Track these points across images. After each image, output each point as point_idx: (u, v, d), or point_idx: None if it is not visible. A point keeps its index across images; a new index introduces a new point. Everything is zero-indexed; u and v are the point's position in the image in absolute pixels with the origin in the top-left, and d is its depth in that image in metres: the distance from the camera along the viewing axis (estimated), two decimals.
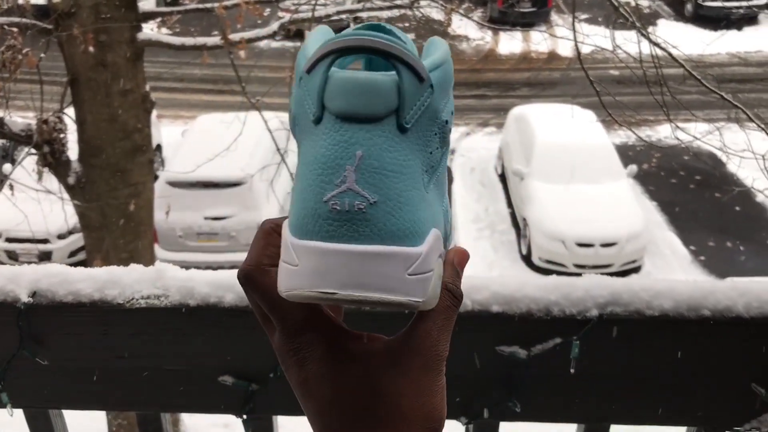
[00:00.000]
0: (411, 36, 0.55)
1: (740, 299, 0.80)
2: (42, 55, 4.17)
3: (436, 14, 6.43)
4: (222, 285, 0.81)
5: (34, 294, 0.81)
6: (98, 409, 0.91)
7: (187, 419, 5.00)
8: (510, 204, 8.70)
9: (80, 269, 0.82)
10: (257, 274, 0.50)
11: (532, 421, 0.88)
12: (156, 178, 6.19)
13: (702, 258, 7.78)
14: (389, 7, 5.67)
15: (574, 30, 4.66)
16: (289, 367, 0.50)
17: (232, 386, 0.86)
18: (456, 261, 0.51)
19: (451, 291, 0.49)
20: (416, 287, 0.44)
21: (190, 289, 0.81)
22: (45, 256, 7.27)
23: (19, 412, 0.92)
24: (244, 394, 0.87)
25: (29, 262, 1.64)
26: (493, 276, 0.83)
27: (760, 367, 0.83)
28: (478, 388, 0.86)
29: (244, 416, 0.89)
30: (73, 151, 4.26)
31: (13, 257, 7.38)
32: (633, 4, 5.60)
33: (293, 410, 0.73)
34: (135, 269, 0.83)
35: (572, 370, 0.83)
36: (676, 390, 0.85)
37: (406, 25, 8.28)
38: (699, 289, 0.80)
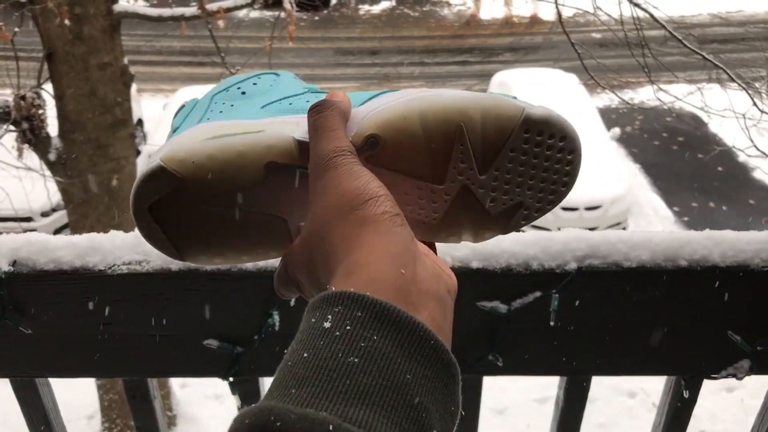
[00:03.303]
0: None
1: (716, 248, 0.81)
2: (16, 29, 4.10)
3: None
4: None
5: (14, 263, 0.81)
6: (84, 376, 0.91)
7: (178, 392, 5.03)
8: None
9: (60, 237, 0.82)
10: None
11: (514, 375, 0.90)
12: (138, 153, 6.13)
13: (686, 219, 7.86)
14: None
15: None
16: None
17: (217, 349, 0.86)
18: (328, 96, 0.56)
19: (301, 137, 0.55)
20: (153, 157, 0.57)
21: None
22: None
23: (5, 383, 0.93)
24: (229, 357, 0.87)
25: None
26: None
27: (735, 314, 0.84)
28: (460, 344, 0.87)
29: (231, 379, 0.90)
30: (53, 127, 4.21)
31: None
32: None
33: None
34: (116, 236, 0.82)
35: (552, 323, 0.84)
36: (654, 340, 0.87)
37: None
38: (675, 240, 0.82)
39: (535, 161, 0.56)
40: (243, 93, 0.61)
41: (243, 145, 0.54)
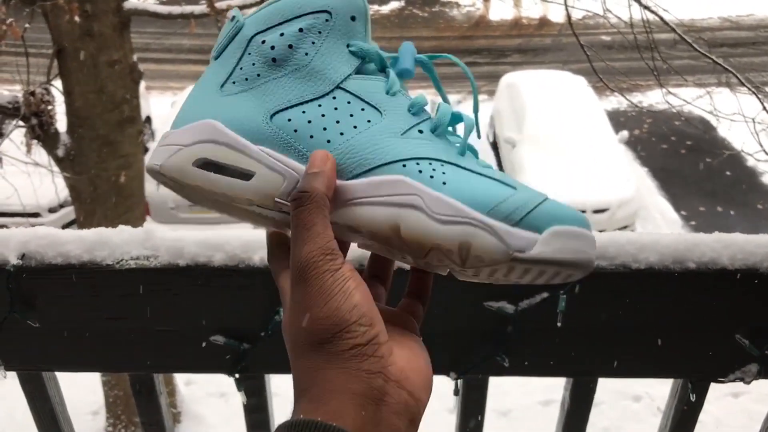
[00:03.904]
0: None
1: (725, 251, 0.81)
2: (26, 25, 4.12)
3: None
4: (211, 245, 0.81)
5: (23, 256, 0.81)
6: (90, 370, 0.92)
7: (183, 390, 5.04)
8: (502, 171, 8.69)
9: (69, 231, 0.82)
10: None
11: (520, 375, 0.89)
12: (146, 150, 6.15)
13: (693, 223, 7.83)
14: None
15: None
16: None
17: (224, 345, 0.86)
18: (308, 166, 0.55)
19: (280, 199, 0.56)
20: (158, 154, 0.59)
21: (179, 249, 0.81)
22: None
23: (13, 376, 0.93)
24: (235, 354, 0.87)
25: None
26: None
27: (743, 318, 0.84)
28: (466, 344, 0.87)
29: (237, 375, 0.90)
30: (61, 123, 4.22)
31: None
32: None
33: (285, 369, 0.74)
34: (124, 230, 0.83)
35: (559, 324, 0.84)
36: (661, 343, 0.86)
37: None
38: (684, 242, 0.81)
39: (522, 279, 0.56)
40: (274, 60, 0.59)
41: (229, 190, 0.57)
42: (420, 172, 0.55)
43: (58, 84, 4.18)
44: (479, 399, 0.96)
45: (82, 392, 4.53)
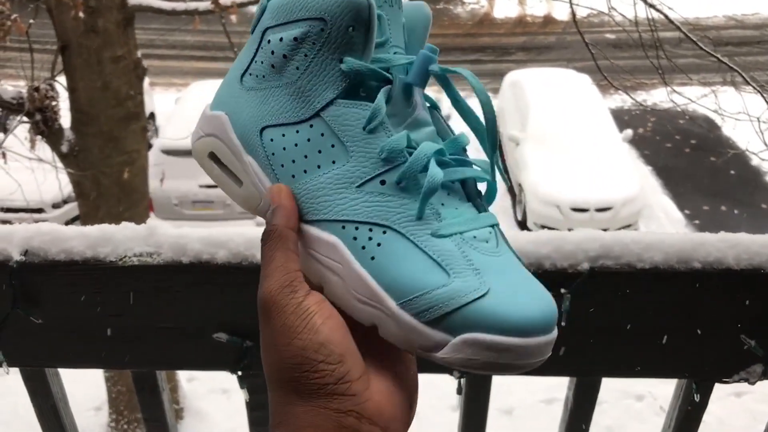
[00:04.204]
0: None
1: (730, 251, 0.81)
2: (31, 21, 4.12)
3: None
4: (214, 242, 0.81)
5: (26, 252, 0.81)
6: (93, 367, 0.92)
7: (186, 386, 5.04)
8: (505, 170, 8.70)
9: (72, 227, 0.82)
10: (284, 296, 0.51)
11: (523, 375, 0.89)
12: (150, 146, 6.15)
13: (696, 222, 7.81)
14: None
15: None
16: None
17: (227, 343, 0.86)
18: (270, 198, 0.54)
19: (259, 215, 0.56)
20: (192, 134, 0.60)
21: (182, 246, 0.81)
22: None
23: (15, 372, 0.93)
24: (238, 351, 0.87)
25: None
26: None
27: (748, 318, 0.84)
28: None
29: (239, 373, 0.90)
30: (65, 119, 4.23)
31: None
32: None
33: None
34: (127, 227, 0.82)
35: (563, 324, 0.83)
36: (666, 343, 0.86)
37: None
38: (689, 242, 0.81)
39: None
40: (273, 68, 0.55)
41: (226, 189, 0.58)
42: (354, 239, 0.51)
43: (62, 80, 4.18)
44: (482, 398, 0.96)
45: (84, 387, 4.54)
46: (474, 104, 0.57)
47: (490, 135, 0.54)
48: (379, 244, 0.50)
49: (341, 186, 0.52)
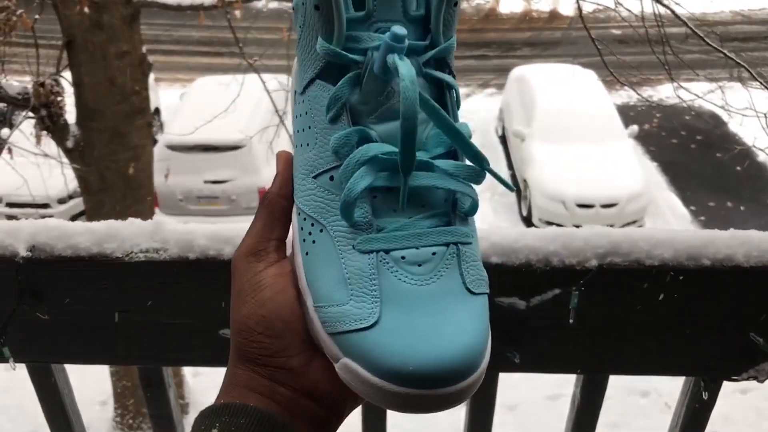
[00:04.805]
0: None
1: (740, 248, 0.80)
2: (36, 16, 4.12)
3: None
4: (221, 238, 0.81)
5: (32, 248, 0.81)
6: (99, 363, 0.91)
7: (191, 381, 5.05)
8: (511, 165, 8.68)
9: (78, 223, 0.82)
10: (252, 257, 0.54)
11: (531, 372, 0.89)
12: (155, 141, 6.16)
13: (702, 218, 7.79)
14: None
15: None
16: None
17: None
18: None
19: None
20: None
21: (189, 242, 0.80)
22: None
23: (22, 367, 0.93)
24: None
25: None
26: (492, 228, 0.83)
27: (758, 316, 0.83)
28: None
29: None
30: (71, 115, 4.23)
31: None
32: None
33: None
34: (133, 223, 0.82)
35: (571, 321, 0.83)
36: (674, 340, 0.85)
37: None
38: (699, 239, 0.80)
39: None
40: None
41: None
42: (302, 229, 0.51)
43: (67, 75, 4.19)
44: (489, 395, 0.96)
45: (90, 382, 4.55)
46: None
47: (404, 139, 0.45)
48: (314, 242, 0.49)
49: (305, 172, 0.50)
